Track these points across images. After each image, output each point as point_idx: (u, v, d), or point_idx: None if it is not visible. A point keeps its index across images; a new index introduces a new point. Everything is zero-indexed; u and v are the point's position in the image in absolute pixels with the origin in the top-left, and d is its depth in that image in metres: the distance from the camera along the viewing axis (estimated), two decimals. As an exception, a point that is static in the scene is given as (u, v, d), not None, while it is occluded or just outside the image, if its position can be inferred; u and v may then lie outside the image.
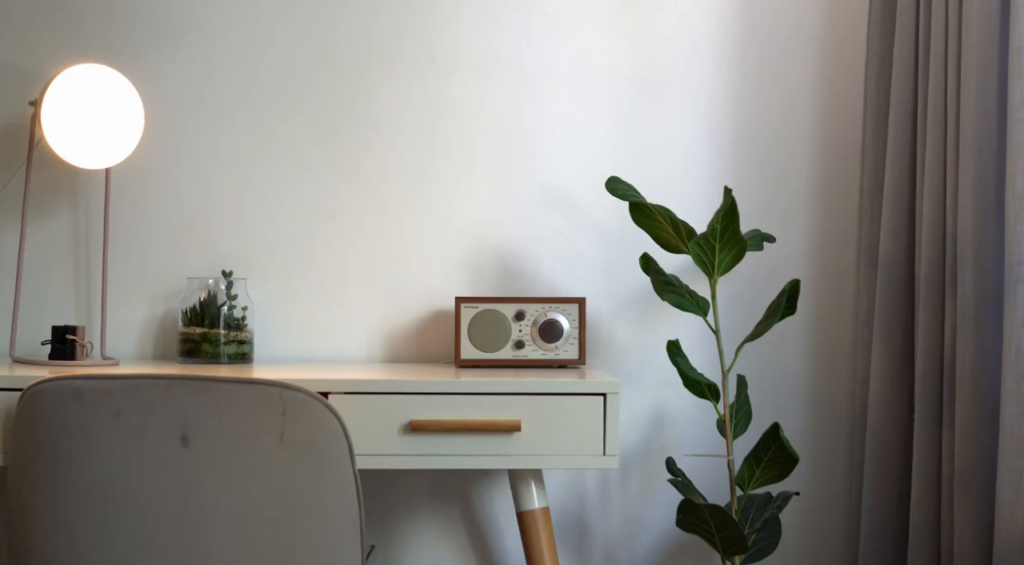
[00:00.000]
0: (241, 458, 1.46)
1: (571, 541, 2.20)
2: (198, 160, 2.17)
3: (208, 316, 2.03)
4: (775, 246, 2.18)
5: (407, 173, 2.19)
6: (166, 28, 2.17)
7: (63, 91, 1.96)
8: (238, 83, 2.17)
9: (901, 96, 1.99)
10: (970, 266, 1.73)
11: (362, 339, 2.17)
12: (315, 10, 2.18)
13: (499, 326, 2.02)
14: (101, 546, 1.46)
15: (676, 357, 1.93)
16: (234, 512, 1.46)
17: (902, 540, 1.99)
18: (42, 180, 2.14)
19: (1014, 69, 1.64)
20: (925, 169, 1.89)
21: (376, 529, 2.17)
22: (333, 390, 1.70)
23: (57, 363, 1.94)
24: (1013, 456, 1.59)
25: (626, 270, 2.18)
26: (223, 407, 1.46)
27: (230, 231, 2.17)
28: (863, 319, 2.11)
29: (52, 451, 1.47)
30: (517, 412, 1.73)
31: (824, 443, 2.21)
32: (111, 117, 1.98)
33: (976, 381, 1.72)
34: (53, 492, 1.48)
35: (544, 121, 2.20)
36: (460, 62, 2.19)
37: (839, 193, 2.22)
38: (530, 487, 1.90)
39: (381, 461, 1.71)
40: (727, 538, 1.85)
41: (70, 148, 1.97)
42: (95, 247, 2.15)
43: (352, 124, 2.18)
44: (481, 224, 2.19)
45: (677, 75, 2.21)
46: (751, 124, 2.21)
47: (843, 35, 2.22)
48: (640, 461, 2.20)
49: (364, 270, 2.18)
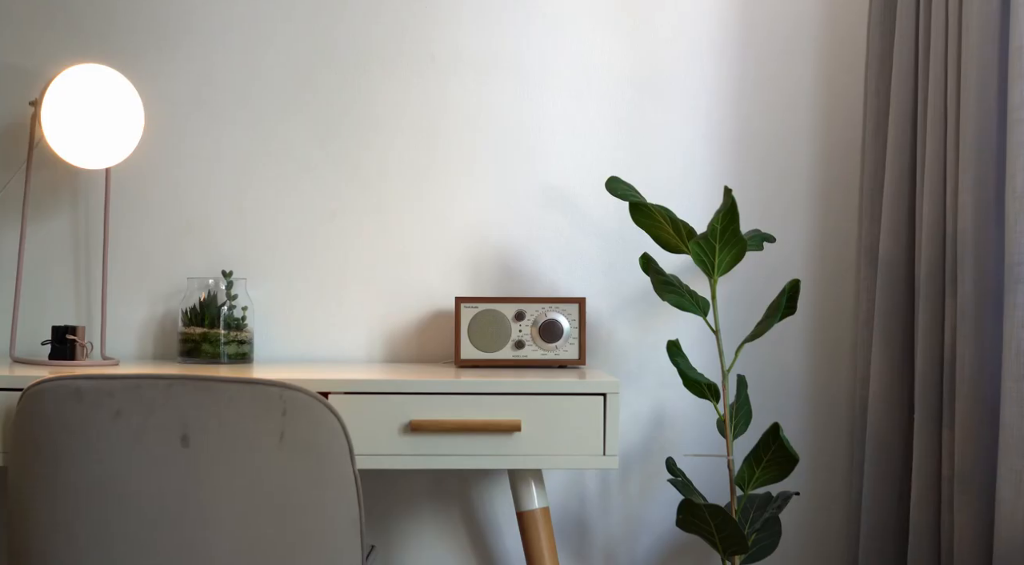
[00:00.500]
0: (241, 458, 1.46)
1: (571, 541, 2.20)
2: (198, 160, 2.17)
3: (208, 316, 2.03)
4: (775, 246, 2.18)
5: (407, 173, 2.19)
6: (166, 28, 2.17)
7: (63, 91, 1.96)
8: (238, 83, 2.17)
9: (901, 96, 1.99)
10: (970, 266, 1.73)
11: (362, 339, 2.17)
12: (315, 10, 2.18)
13: (499, 326, 2.02)
14: (101, 546, 1.46)
15: (676, 357, 1.93)
16: (234, 512, 1.46)
17: (902, 540, 1.99)
18: (42, 180, 2.14)
19: (1014, 69, 1.64)
20: (925, 169, 1.89)
21: (376, 529, 2.17)
22: (333, 390, 1.70)
23: (57, 363, 1.94)
24: (1013, 456, 1.59)
25: (626, 270, 2.18)
26: (223, 407, 1.46)
27: (230, 231, 2.17)
28: (863, 319, 2.11)
29: (52, 451, 1.47)
30: (517, 412, 1.73)
31: (824, 443, 2.21)
32: (111, 117, 1.98)
33: (976, 381, 1.72)
34: (53, 492, 1.47)
35: (544, 121, 2.20)
36: (460, 62, 2.19)
37: (839, 193, 2.22)
38: (530, 487, 1.90)
39: (381, 461, 1.71)
40: (727, 538, 1.85)
41: (70, 148, 1.97)
42: (95, 247, 2.15)
43: (352, 124, 2.18)
44: (481, 224, 2.19)
45: (677, 75, 2.21)
46: (751, 124, 2.21)
47: (843, 35, 2.22)
48: (640, 461, 2.20)
49: (364, 270, 2.18)
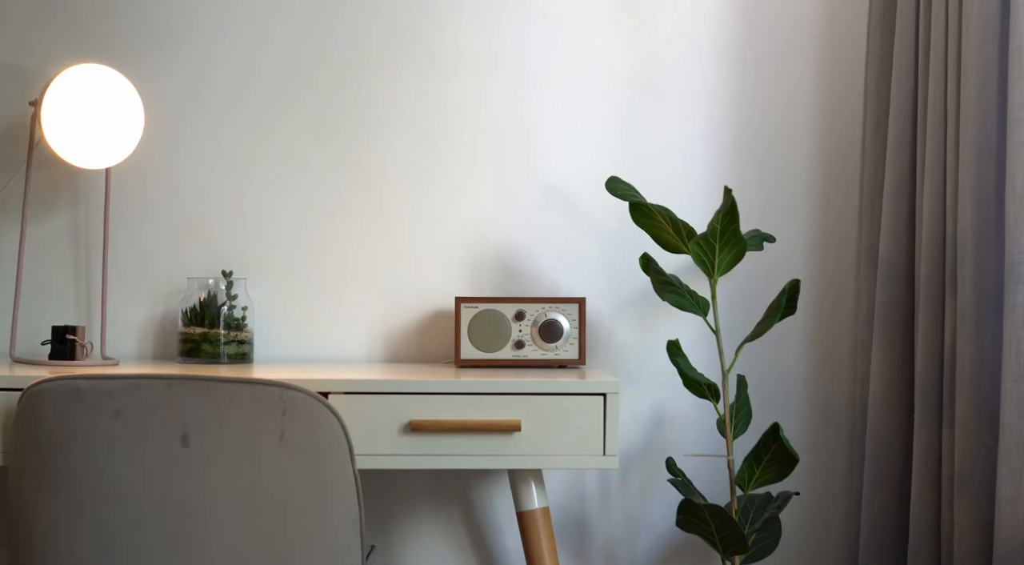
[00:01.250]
0: (241, 458, 1.46)
1: (571, 541, 2.20)
2: (198, 160, 2.17)
3: (208, 316, 2.03)
4: (775, 246, 2.18)
5: (407, 173, 2.19)
6: (166, 28, 2.17)
7: (63, 91, 1.96)
8: (238, 83, 2.17)
9: (901, 96, 1.99)
10: (970, 266, 1.73)
11: (362, 339, 2.17)
12: (315, 10, 2.18)
13: (499, 326, 2.02)
14: (101, 546, 1.46)
15: (676, 357, 1.93)
16: (234, 512, 1.46)
17: (902, 540, 1.99)
18: (42, 180, 2.14)
19: (1014, 69, 1.64)
20: (925, 169, 1.89)
21: (376, 529, 2.17)
22: (333, 390, 1.70)
23: (57, 363, 1.94)
24: (1013, 456, 1.59)
25: (626, 270, 2.18)
26: (223, 407, 1.46)
27: (230, 231, 2.17)
28: (863, 319, 2.11)
29: (52, 451, 1.47)
30: (517, 412, 1.73)
31: (824, 443, 2.21)
32: (111, 117, 1.98)
33: (976, 381, 1.72)
34: (53, 492, 1.47)
35: (544, 121, 2.20)
36: (460, 62, 2.19)
37: (839, 193, 2.22)
38: (530, 487, 1.90)
39: (381, 461, 1.71)
40: (727, 538, 1.85)
41: (70, 148, 1.97)
42: (95, 247, 2.15)
43: (352, 124, 2.18)
44: (481, 224, 2.19)
45: (677, 75, 2.21)
46: (751, 124, 2.21)
47: (843, 35, 2.22)
48: (640, 461, 2.20)
49: (364, 270, 2.18)
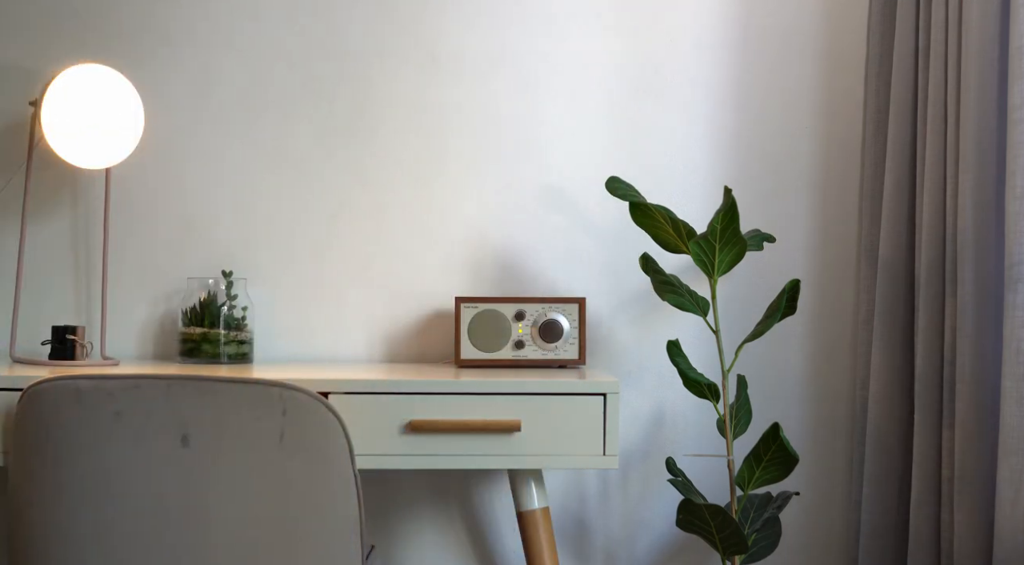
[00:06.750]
0: (241, 458, 1.46)
1: (571, 541, 2.20)
2: (198, 160, 2.17)
3: (208, 316, 2.03)
4: (775, 246, 2.18)
5: (407, 173, 2.19)
6: (166, 28, 2.17)
7: (63, 91, 1.96)
8: (238, 83, 2.17)
9: (901, 96, 1.99)
10: (970, 266, 1.73)
11: (362, 339, 2.17)
12: (315, 10, 2.18)
13: (499, 326, 2.02)
14: (101, 546, 1.46)
15: (676, 357, 1.93)
16: (234, 512, 1.46)
17: (902, 540, 1.99)
18: (42, 180, 2.14)
19: (1014, 69, 1.64)
20: (925, 169, 1.89)
21: (376, 529, 2.17)
22: (333, 390, 1.70)
23: (57, 363, 1.94)
24: (1013, 456, 1.59)
25: (626, 270, 2.18)
26: (223, 407, 1.46)
27: (230, 231, 2.17)
28: (863, 319, 2.11)
29: (52, 451, 1.47)
30: (517, 412, 1.73)
31: (824, 443, 2.21)
32: (111, 117, 1.98)
33: (976, 381, 1.72)
34: (53, 492, 1.47)
35: (544, 121, 2.20)
36: (461, 62, 2.19)
37: (839, 193, 2.22)
38: (530, 487, 1.90)
39: (381, 461, 1.71)
40: (727, 538, 1.85)
41: (70, 148, 1.97)
42: (95, 247, 2.15)
43: (352, 124, 2.18)
44: (481, 224, 2.19)
45: (677, 75, 2.21)
46: (751, 124, 2.21)
47: (843, 35, 2.22)
48: (640, 461, 2.20)
49: (364, 270, 2.18)
